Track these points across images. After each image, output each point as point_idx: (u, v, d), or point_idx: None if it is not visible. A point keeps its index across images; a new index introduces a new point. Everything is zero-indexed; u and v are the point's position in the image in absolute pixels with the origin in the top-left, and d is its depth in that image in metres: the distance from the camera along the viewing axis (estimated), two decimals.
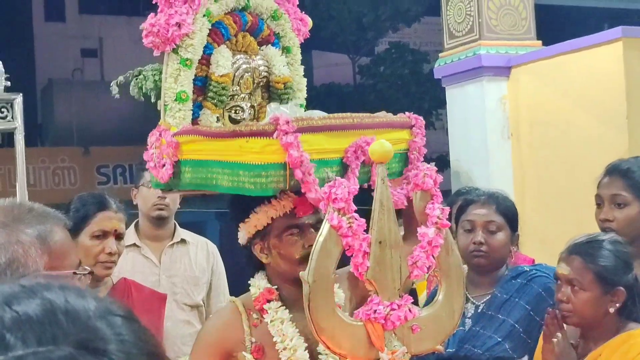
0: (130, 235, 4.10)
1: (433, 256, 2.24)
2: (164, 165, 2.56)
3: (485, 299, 3.24)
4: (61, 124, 18.49)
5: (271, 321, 2.53)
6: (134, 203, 4.18)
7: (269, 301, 2.56)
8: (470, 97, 5.98)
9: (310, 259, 2.15)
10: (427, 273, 2.38)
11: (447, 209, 2.31)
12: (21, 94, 4.32)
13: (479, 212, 3.26)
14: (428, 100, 17.64)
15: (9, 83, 4.22)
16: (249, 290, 2.65)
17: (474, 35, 5.93)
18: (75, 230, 2.80)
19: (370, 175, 2.47)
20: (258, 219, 2.54)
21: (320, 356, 2.50)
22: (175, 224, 4.24)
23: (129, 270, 3.99)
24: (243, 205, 2.57)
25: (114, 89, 2.84)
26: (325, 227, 2.14)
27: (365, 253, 2.13)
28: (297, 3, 2.95)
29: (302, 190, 2.34)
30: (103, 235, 3.25)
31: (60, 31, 20.65)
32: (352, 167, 2.41)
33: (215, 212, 12.91)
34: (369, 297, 2.53)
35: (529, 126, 5.75)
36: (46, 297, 0.84)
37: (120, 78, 2.83)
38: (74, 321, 0.83)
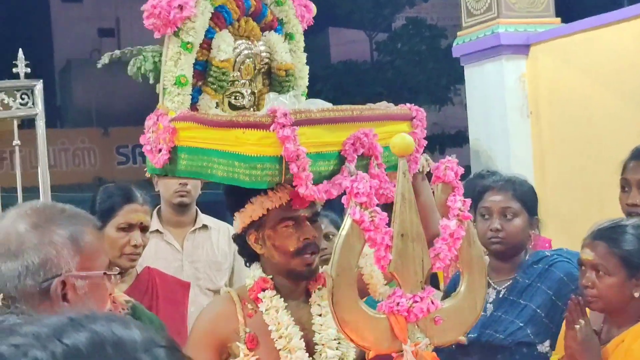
0: (153, 222, 4.11)
1: (455, 248, 2.25)
2: (160, 150, 2.52)
3: (506, 284, 3.24)
4: (80, 105, 18.57)
5: (266, 310, 2.51)
6: (156, 190, 4.20)
7: (263, 290, 2.54)
8: (489, 76, 5.96)
9: (332, 253, 2.16)
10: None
11: (469, 200, 2.31)
12: (41, 80, 4.34)
13: (495, 199, 3.26)
14: (446, 76, 17.57)
15: (29, 69, 4.24)
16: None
17: (493, 13, 5.89)
18: (101, 222, 2.82)
19: (368, 168, 2.45)
20: (253, 210, 2.52)
21: (316, 346, 2.50)
22: (197, 209, 4.26)
23: (151, 256, 4.02)
24: (239, 194, 2.54)
25: (105, 59, 2.78)
26: (347, 222, 2.14)
27: (388, 246, 2.14)
28: None
29: (294, 185, 2.32)
30: (129, 227, 3.26)
31: (77, 12, 20.69)
32: (349, 159, 2.39)
33: None
34: (366, 290, 2.54)
35: (549, 104, 5.72)
36: (93, 329, 0.86)
37: (117, 52, 2.77)
38: (121, 353, 0.85)
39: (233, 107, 2.72)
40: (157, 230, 4.13)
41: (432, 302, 2.19)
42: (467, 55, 6.12)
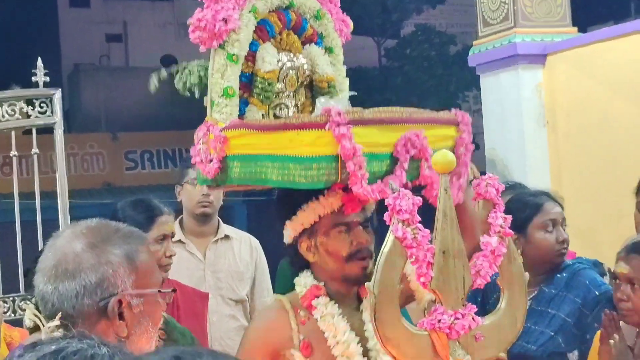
0: (175, 232, 4.13)
1: (496, 265, 2.25)
2: (211, 161, 2.55)
3: (531, 295, 3.25)
4: (88, 111, 18.59)
5: (321, 317, 2.51)
6: (178, 200, 4.21)
7: (317, 297, 2.54)
8: (505, 85, 5.96)
9: (375, 270, 2.16)
10: None
11: (510, 217, 2.31)
12: (60, 89, 4.35)
13: (558, 210, 3.32)
14: (455, 82, 17.59)
15: (47, 78, 4.26)
16: (294, 289, 2.63)
17: (509, 23, 5.90)
18: None
19: (419, 170, 2.45)
20: (306, 217, 2.53)
21: (370, 352, 2.50)
22: (218, 219, 4.27)
23: (174, 266, 4.02)
24: (289, 203, 2.55)
25: (153, 83, 2.83)
26: (389, 239, 2.14)
27: (430, 263, 2.14)
28: (339, 4, 2.93)
29: (349, 184, 2.32)
30: (163, 239, 3.28)
31: (85, 16, 20.72)
32: (402, 160, 2.39)
33: (243, 198, 12.98)
34: (411, 295, 2.53)
35: (565, 114, 5.72)
36: None
37: (163, 71, 2.82)
38: None
39: (278, 118, 2.74)
40: (180, 241, 4.15)
41: (474, 319, 2.19)
42: (484, 64, 6.13)
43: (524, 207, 3.31)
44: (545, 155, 5.82)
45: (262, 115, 2.69)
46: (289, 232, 2.59)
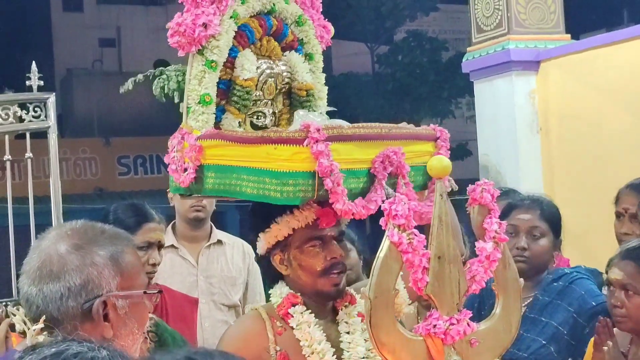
0: (168, 237, 4.12)
1: (491, 270, 2.25)
2: (185, 170, 2.51)
3: (526, 302, 3.23)
4: (81, 115, 18.57)
5: (297, 325, 2.48)
6: (171, 205, 4.20)
7: (293, 305, 2.51)
8: (498, 92, 5.97)
9: (370, 275, 2.16)
10: None
11: (505, 223, 2.31)
12: (54, 93, 4.34)
13: (524, 217, 3.26)
14: (447, 89, 17.61)
15: (41, 82, 4.25)
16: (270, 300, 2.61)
17: (503, 29, 5.91)
18: None
19: (396, 187, 2.43)
20: (279, 230, 2.50)
21: None
22: (211, 225, 4.27)
23: (167, 271, 4.03)
24: (264, 214, 2.52)
25: (129, 85, 2.78)
26: (385, 244, 2.14)
27: (425, 268, 2.14)
28: (321, 9, 2.89)
29: (330, 201, 2.30)
30: (148, 246, 3.26)
31: (78, 21, 20.69)
32: (379, 177, 2.38)
33: (236, 204, 12.96)
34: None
35: (559, 121, 5.73)
36: None
37: (140, 76, 2.77)
38: None
39: (255, 126, 2.70)
40: (172, 245, 4.14)
41: (469, 324, 2.19)
42: (477, 70, 6.14)
43: (503, 211, 3.30)
44: (538, 162, 5.83)
45: (239, 123, 2.65)
46: (263, 244, 2.56)
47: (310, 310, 2.51)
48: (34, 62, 4.24)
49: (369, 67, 20.23)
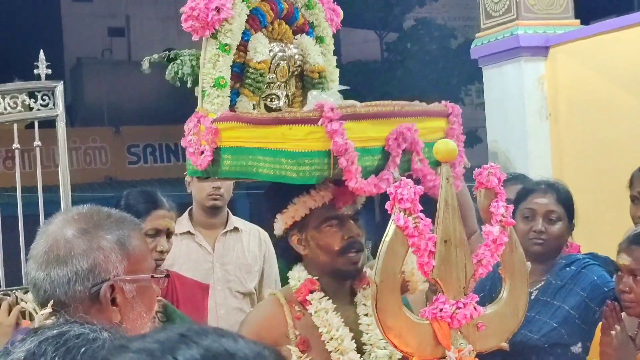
0: (184, 223, 4.15)
1: (497, 254, 2.25)
2: (202, 152, 2.54)
3: (538, 286, 3.25)
4: (91, 104, 18.56)
5: (315, 312, 2.51)
6: (188, 192, 4.19)
7: (311, 292, 2.54)
8: (507, 78, 5.95)
9: (376, 259, 2.16)
10: None
11: (511, 206, 2.31)
12: (62, 82, 4.35)
13: (541, 201, 3.28)
14: (456, 76, 17.52)
15: (49, 71, 4.25)
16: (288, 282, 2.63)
17: (512, 15, 5.89)
18: None
19: (410, 163, 2.45)
20: (296, 210, 2.52)
21: (364, 346, 2.50)
22: (228, 211, 4.27)
23: (183, 257, 4.05)
24: (280, 196, 2.54)
25: (145, 64, 2.80)
26: (391, 228, 2.14)
27: (431, 252, 2.14)
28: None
29: (344, 179, 2.31)
30: (156, 233, 3.26)
31: (87, 10, 20.67)
32: (394, 155, 2.40)
33: (246, 191, 12.97)
34: (404, 284, 2.53)
35: (568, 106, 5.72)
36: (205, 345, 0.86)
37: (155, 56, 2.80)
38: None
39: (269, 109, 2.73)
40: (189, 232, 4.15)
41: (475, 308, 2.19)
42: (486, 56, 6.12)
43: (518, 195, 3.33)
44: (547, 147, 5.82)
45: (253, 105, 2.67)
46: (280, 224, 2.58)
47: (327, 297, 2.54)
48: (41, 50, 4.25)
49: (377, 55, 20.17)
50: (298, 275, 2.59)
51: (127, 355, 0.85)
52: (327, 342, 2.47)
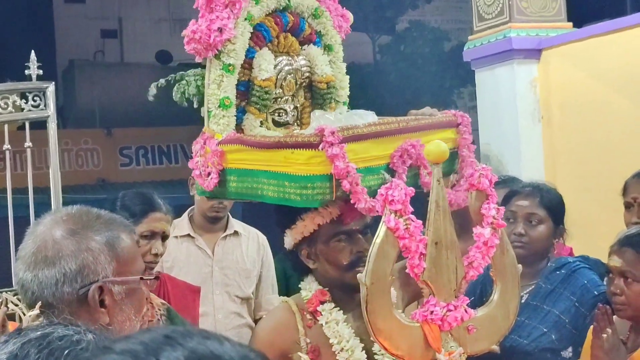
0: (185, 226, 4.16)
1: (489, 256, 2.24)
2: (209, 174, 2.55)
3: (528, 290, 3.24)
4: (83, 106, 18.52)
5: (326, 322, 2.52)
6: (191, 194, 4.18)
7: (322, 302, 2.56)
8: (500, 80, 5.95)
9: (367, 261, 2.15)
10: None
11: (502, 208, 2.30)
12: (53, 83, 4.33)
13: (522, 204, 3.27)
14: (449, 79, 17.55)
15: (40, 71, 4.24)
16: (300, 292, 2.65)
17: (504, 17, 5.89)
18: None
19: (419, 178, 2.45)
20: (305, 226, 2.53)
21: (375, 356, 2.50)
22: (228, 215, 4.27)
23: (183, 260, 4.07)
24: (289, 211, 2.54)
25: (152, 90, 2.80)
26: (382, 229, 2.13)
27: (422, 254, 2.13)
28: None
29: (352, 202, 2.31)
30: (151, 235, 3.25)
31: (80, 12, 20.63)
32: (399, 172, 2.39)
33: None
34: (421, 294, 2.53)
35: (560, 109, 5.71)
36: (190, 346, 0.85)
37: (162, 80, 2.79)
38: None
39: (277, 123, 2.73)
40: (189, 235, 4.15)
41: (466, 311, 2.18)
42: (478, 59, 6.12)
43: (504, 198, 3.30)
44: (539, 150, 5.82)
45: (260, 122, 2.67)
46: (289, 239, 2.59)
47: (338, 307, 2.55)
48: (32, 51, 4.23)
49: (370, 58, 20.17)
50: (309, 286, 2.61)
51: (110, 356, 0.84)
52: (338, 353, 2.49)
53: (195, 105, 2.67)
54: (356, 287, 2.53)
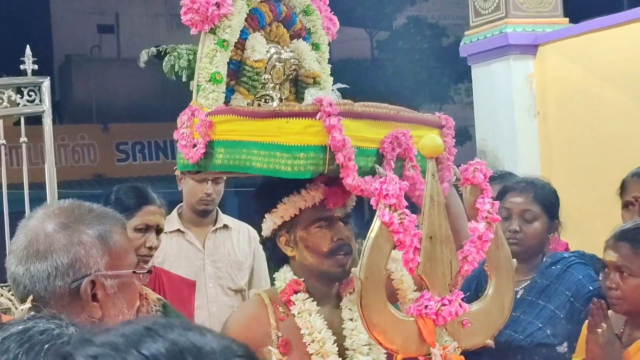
0: (174, 221, 4.14)
1: (483, 251, 2.24)
2: (194, 145, 2.51)
3: (524, 285, 3.24)
4: (79, 101, 18.52)
5: (299, 313, 2.48)
6: (179, 189, 4.17)
7: (296, 292, 2.51)
8: (496, 76, 5.95)
9: (361, 255, 2.14)
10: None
11: (497, 203, 2.30)
12: (48, 78, 4.32)
13: (516, 200, 3.26)
14: (447, 75, 17.56)
15: (36, 66, 4.23)
16: (274, 284, 2.61)
17: (501, 13, 5.88)
18: None
19: (402, 170, 2.43)
20: (286, 210, 2.49)
21: (347, 352, 2.47)
22: (217, 209, 4.26)
23: (174, 255, 4.05)
24: (270, 195, 2.52)
25: (143, 57, 2.79)
26: (376, 224, 2.12)
27: (416, 249, 2.12)
28: (328, 2, 2.91)
29: (341, 176, 2.28)
30: (146, 229, 3.24)
31: (76, 7, 20.61)
32: (388, 157, 2.37)
33: (235, 189, 12.95)
34: (396, 296, 2.52)
35: (556, 104, 5.71)
36: (171, 338, 0.84)
37: (152, 49, 2.78)
38: None
39: None
40: (179, 230, 4.14)
41: (460, 305, 2.18)
42: (475, 54, 6.12)
43: (498, 194, 3.28)
44: (536, 146, 5.81)
45: (247, 104, 2.65)
46: (268, 224, 2.55)
47: (312, 298, 2.51)
48: (27, 46, 4.22)
49: (368, 53, 20.17)
50: (284, 276, 2.57)
51: (90, 349, 0.83)
52: (309, 345, 2.45)
53: (184, 79, 2.65)
54: (334, 276, 2.52)
